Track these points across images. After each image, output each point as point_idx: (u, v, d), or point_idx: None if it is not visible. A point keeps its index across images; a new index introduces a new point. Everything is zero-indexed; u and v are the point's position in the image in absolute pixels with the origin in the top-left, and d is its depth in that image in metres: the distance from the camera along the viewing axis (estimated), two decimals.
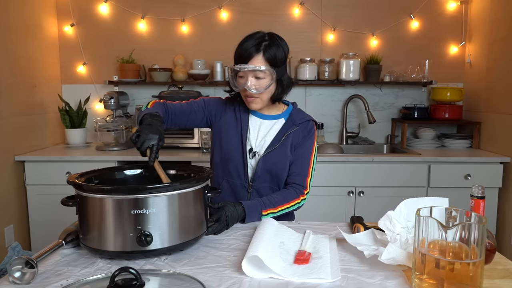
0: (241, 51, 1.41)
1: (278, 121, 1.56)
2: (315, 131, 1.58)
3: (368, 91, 3.14)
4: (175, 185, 1.08)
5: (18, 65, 2.61)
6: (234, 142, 1.53)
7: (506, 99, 2.59)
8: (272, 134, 1.53)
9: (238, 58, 1.43)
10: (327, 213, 2.56)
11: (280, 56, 1.42)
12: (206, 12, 3.08)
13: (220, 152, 1.55)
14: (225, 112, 1.57)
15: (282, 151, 1.51)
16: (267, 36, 1.44)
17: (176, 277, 0.94)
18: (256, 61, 1.40)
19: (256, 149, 1.53)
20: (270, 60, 1.40)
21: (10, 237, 2.50)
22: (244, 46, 1.41)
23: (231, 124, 1.55)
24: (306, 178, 1.52)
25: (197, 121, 1.58)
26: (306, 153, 1.54)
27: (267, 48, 1.40)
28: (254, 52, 1.39)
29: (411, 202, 1.12)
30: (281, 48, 1.43)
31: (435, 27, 3.08)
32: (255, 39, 1.41)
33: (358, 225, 1.26)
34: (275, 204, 1.43)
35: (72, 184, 1.10)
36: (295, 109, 1.60)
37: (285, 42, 1.47)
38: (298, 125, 1.54)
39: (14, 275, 0.93)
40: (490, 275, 0.97)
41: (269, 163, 1.50)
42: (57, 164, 2.57)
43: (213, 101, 1.60)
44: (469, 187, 1.31)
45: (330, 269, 0.99)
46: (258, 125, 1.56)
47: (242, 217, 1.35)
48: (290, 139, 1.53)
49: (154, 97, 2.93)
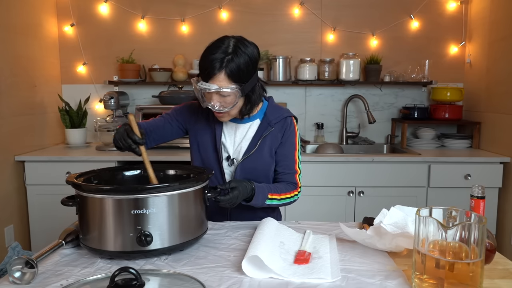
0: (203, 66, 1.29)
1: (253, 123, 1.48)
2: (294, 126, 1.50)
3: (368, 91, 3.14)
4: (175, 185, 1.08)
5: (18, 65, 2.61)
6: (209, 150, 1.48)
7: (506, 99, 2.59)
8: (248, 139, 1.47)
9: (200, 72, 1.31)
10: (327, 213, 2.56)
11: (246, 68, 1.29)
12: (206, 12, 3.08)
13: (199, 158, 1.51)
14: (198, 117, 1.51)
15: (259, 156, 1.45)
16: (232, 46, 1.29)
17: (176, 277, 0.94)
18: (218, 80, 1.27)
19: (233, 155, 1.47)
20: (234, 77, 1.27)
21: (10, 237, 2.50)
22: (207, 60, 1.27)
23: (205, 130, 1.49)
24: (295, 175, 1.50)
25: (174, 132, 1.52)
26: (289, 152, 1.49)
27: (229, 63, 1.26)
28: (216, 70, 1.26)
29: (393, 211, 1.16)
30: (247, 57, 1.29)
31: (435, 27, 3.08)
32: (219, 52, 1.27)
33: (365, 225, 1.26)
34: (279, 191, 1.43)
35: (71, 184, 1.10)
36: (270, 107, 1.50)
37: (252, 47, 1.34)
38: (273, 126, 1.46)
39: (14, 275, 0.93)
40: (490, 275, 0.97)
41: (247, 169, 1.45)
42: (57, 164, 2.57)
43: (184, 107, 1.54)
44: (469, 187, 1.31)
45: (330, 269, 0.99)
46: (234, 130, 1.49)
47: (250, 196, 1.34)
48: (268, 142, 1.46)
49: (154, 97, 2.94)
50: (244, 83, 1.31)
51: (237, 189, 1.28)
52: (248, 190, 1.32)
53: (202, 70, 1.30)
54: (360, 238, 1.15)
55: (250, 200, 1.35)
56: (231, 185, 1.28)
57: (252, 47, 1.34)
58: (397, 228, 1.12)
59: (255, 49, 1.35)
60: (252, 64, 1.32)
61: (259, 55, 1.37)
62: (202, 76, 1.31)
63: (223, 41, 1.31)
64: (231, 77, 1.28)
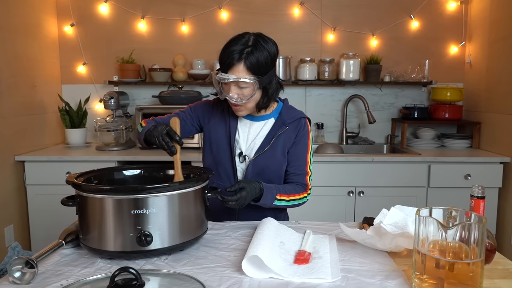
0: (223, 58, 1.34)
1: (268, 121, 1.51)
2: (308, 128, 1.52)
3: (368, 91, 3.14)
4: (175, 185, 1.08)
5: (18, 65, 2.61)
6: (223, 146, 1.49)
7: (506, 99, 2.59)
8: (262, 136, 1.48)
9: (220, 64, 1.35)
10: (327, 213, 2.56)
11: (265, 61, 1.33)
12: (206, 12, 3.08)
13: (210, 155, 1.53)
14: (213, 114, 1.53)
15: (272, 154, 1.46)
16: (252, 40, 1.34)
17: (176, 277, 0.94)
18: (237, 71, 1.31)
19: (246, 152, 1.49)
20: (253, 69, 1.31)
21: (10, 237, 2.50)
22: (227, 52, 1.32)
23: (220, 126, 1.51)
24: (305, 176, 1.51)
25: (188, 129, 1.55)
26: (301, 153, 1.50)
27: (249, 55, 1.31)
28: (235, 61, 1.30)
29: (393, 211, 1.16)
30: (266, 52, 1.33)
31: (435, 27, 3.08)
32: (239, 44, 1.32)
33: (365, 225, 1.26)
34: (288, 193, 1.43)
35: (71, 184, 1.10)
36: (285, 107, 1.53)
37: (272, 43, 1.38)
38: (288, 125, 1.48)
39: (14, 275, 0.93)
40: (490, 275, 0.97)
41: (259, 167, 1.46)
42: (57, 164, 2.57)
43: (199, 105, 1.57)
44: (469, 187, 1.31)
45: (330, 269, 0.99)
46: (248, 127, 1.51)
47: (259, 196, 1.34)
48: (281, 141, 1.47)
49: (154, 97, 2.94)
50: (262, 76, 1.34)
51: (245, 189, 1.28)
52: (256, 190, 1.33)
53: (222, 62, 1.35)
54: (360, 238, 1.15)
55: (259, 200, 1.35)
56: (240, 186, 1.28)
57: (271, 43, 1.38)
58: (397, 228, 1.12)
59: (274, 45, 1.39)
60: (271, 58, 1.36)
61: (278, 52, 1.41)
62: (221, 67, 1.35)
63: (243, 36, 1.36)
64: (250, 69, 1.32)
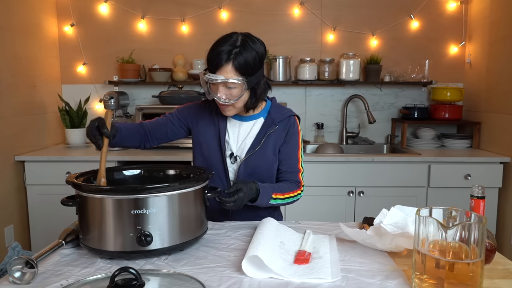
0: (211, 58, 1.32)
1: (257, 121, 1.50)
2: (297, 126, 1.52)
3: (368, 91, 3.14)
4: (175, 185, 1.08)
5: (18, 65, 2.61)
6: (213, 148, 1.48)
7: (506, 99, 2.59)
8: (252, 136, 1.48)
9: (208, 65, 1.34)
10: (327, 213, 2.56)
11: (253, 62, 1.32)
12: (206, 12, 3.08)
13: (201, 157, 1.52)
14: (201, 116, 1.52)
15: (263, 154, 1.46)
16: (240, 40, 1.33)
17: (176, 277, 0.94)
18: (225, 71, 1.30)
19: (237, 153, 1.48)
20: (241, 69, 1.31)
21: (10, 237, 2.50)
22: (215, 52, 1.31)
23: (209, 128, 1.50)
24: (298, 173, 1.51)
25: (176, 131, 1.54)
26: (292, 151, 1.50)
27: (237, 55, 1.30)
28: (223, 61, 1.29)
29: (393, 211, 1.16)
30: (254, 52, 1.33)
31: (435, 27, 3.08)
32: (227, 44, 1.31)
33: (365, 225, 1.26)
34: (283, 191, 1.43)
35: (71, 184, 1.10)
36: (273, 106, 1.53)
37: (260, 43, 1.37)
38: (277, 124, 1.48)
39: (14, 275, 0.93)
40: (490, 275, 0.97)
41: (251, 167, 1.46)
42: (57, 164, 2.57)
43: (187, 107, 1.56)
44: (469, 187, 1.31)
45: (330, 269, 0.99)
46: (237, 128, 1.50)
47: (255, 197, 1.34)
48: (272, 140, 1.47)
49: (154, 97, 2.94)
50: (250, 77, 1.34)
51: (242, 191, 1.28)
52: (253, 191, 1.33)
53: (209, 62, 1.33)
54: (360, 238, 1.15)
55: (255, 201, 1.35)
56: (237, 187, 1.28)
57: (259, 43, 1.38)
58: (397, 228, 1.12)
59: (262, 46, 1.38)
60: (259, 59, 1.35)
61: (266, 52, 1.40)
62: (209, 67, 1.34)
63: (231, 36, 1.35)
64: (238, 69, 1.31)
